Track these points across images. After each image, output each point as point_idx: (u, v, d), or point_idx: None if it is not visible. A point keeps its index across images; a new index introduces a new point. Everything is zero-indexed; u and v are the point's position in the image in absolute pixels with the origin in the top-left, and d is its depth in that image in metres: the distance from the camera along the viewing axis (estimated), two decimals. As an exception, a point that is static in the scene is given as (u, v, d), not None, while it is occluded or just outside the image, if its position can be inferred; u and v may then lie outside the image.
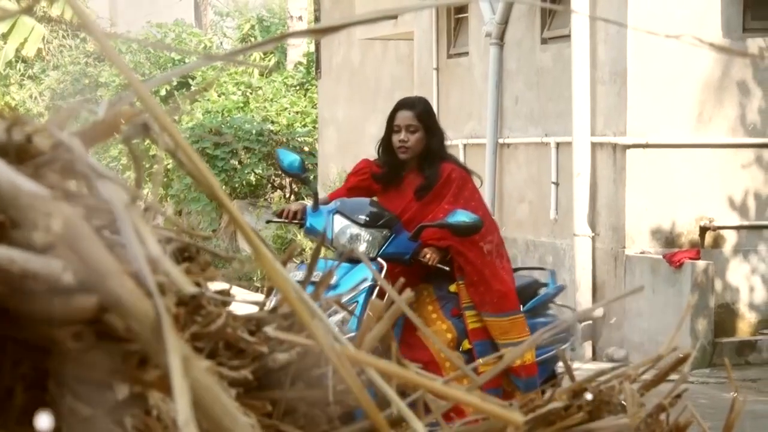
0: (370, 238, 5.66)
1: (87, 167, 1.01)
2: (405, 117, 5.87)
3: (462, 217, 5.58)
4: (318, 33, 1.47)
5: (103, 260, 0.87)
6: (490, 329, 5.77)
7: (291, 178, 7.00)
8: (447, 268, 5.74)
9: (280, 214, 5.86)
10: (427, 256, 5.64)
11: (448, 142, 6.00)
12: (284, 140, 19.81)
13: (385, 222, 5.71)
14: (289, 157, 5.85)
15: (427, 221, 5.70)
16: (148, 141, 1.22)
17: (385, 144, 5.92)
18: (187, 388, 0.81)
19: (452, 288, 5.79)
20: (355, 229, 5.69)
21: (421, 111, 5.90)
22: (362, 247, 5.64)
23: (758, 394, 8.40)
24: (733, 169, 10.15)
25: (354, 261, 5.58)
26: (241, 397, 1.19)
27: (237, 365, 1.15)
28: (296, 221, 5.78)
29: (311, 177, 5.83)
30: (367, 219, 5.70)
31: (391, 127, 5.91)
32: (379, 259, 5.69)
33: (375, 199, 5.99)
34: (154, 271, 0.91)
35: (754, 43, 10.11)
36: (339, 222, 5.70)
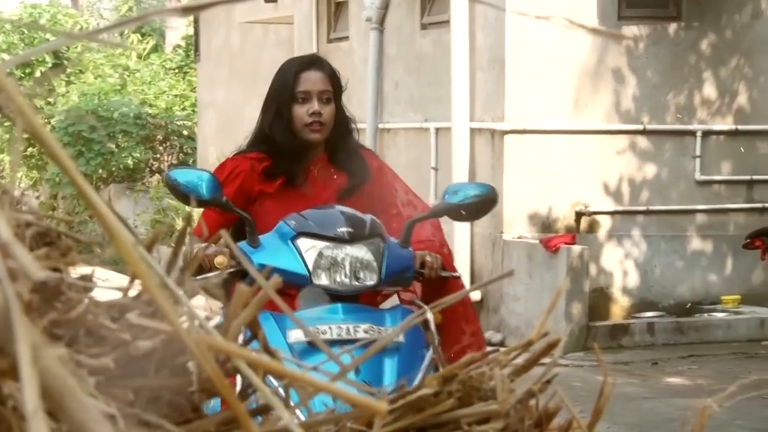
0: (368, 258, 3.72)
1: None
2: (316, 80, 4.07)
3: (470, 190, 3.98)
4: (187, 12, 1.42)
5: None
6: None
7: (195, 206, 4.27)
8: (457, 274, 4.04)
9: (199, 270, 3.64)
10: (428, 259, 3.87)
11: None
12: (163, 123, 19.58)
13: (371, 229, 3.77)
14: (186, 176, 3.77)
15: (417, 216, 3.99)
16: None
17: (286, 122, 4.06)
18: (36, 377, 0.77)
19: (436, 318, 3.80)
20: (340, 251, 3.71)
21: (332, 73, 4.13)
22: (364, 275, 3.72)
23: (630, 377, 8.56)
24: (608, 155, 10.32)
25: (341, 298, 3.71)
26: (102, 386, 1.15)
27: (97, 353, 1.11)
28: (230, 269, 3.68)
29: (223, 198, 3.80)
30: (352, 231, 3.73)
31: (290, 96, 4.05)
32: (418, 302, 3.87)
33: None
34: (4, 256, 0.87)
35: (629, 31, 10.28)
36: (309, 246, 3.71)
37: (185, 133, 19.71)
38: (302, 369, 1.07)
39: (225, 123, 16.80)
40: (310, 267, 3.68)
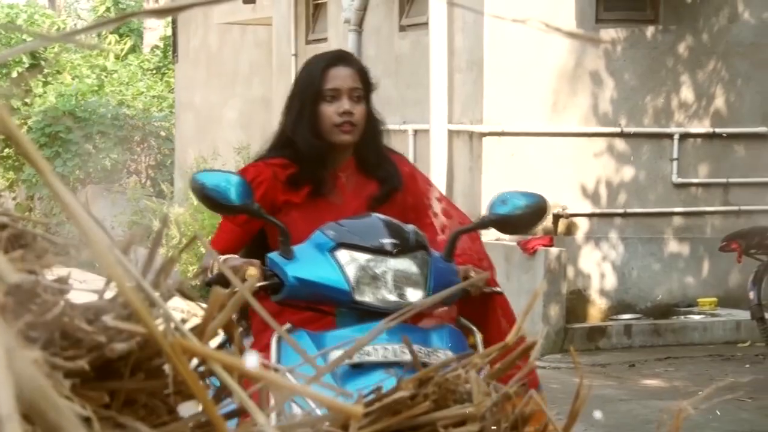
0: (414, 272, 3.34)
1: None
2: (345, 76, 3.72)
3: (519, 200, 3.58)
4: (165, 13, 1.42)
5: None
6: None
7: (224, 213, 3.49)
8: (499, 290, 3.67)
9: (220, 281, 3.24)
10: (472, 275, 3.49)
11: None
12: (140, 124, 19.53)
13: (416, 240, 3.38)
14: (214, 180, 3.36)
15: (462, 227, 3.66)
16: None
17: (311, 123, 3.65)
18: (11, 380, 0.77)
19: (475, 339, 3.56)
20: (383, 264, 3.32)
21: (362, 69, 3.81)
22: (408, 291, 3.32)
23: (607, 379, 8.59)
24: (586, 157, 10.34)
25: (372, 314, 3.28)
26: (78, 388, 1.15)
27: (72, 355, 1.11)
28: (261, 285, 3.28)
29: (249, 201, 3.36)
30: (397, 243, 3.33)
31: (317, 95, 3.67)
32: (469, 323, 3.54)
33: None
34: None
35: (607, 34, 10.31)
36: (349, 258, 3.31)
37: (163, 134, 19.66)
38: (280, 372, 1.07)
39: (203, 124, 16.77)
40: (352, 282, 3.29)
